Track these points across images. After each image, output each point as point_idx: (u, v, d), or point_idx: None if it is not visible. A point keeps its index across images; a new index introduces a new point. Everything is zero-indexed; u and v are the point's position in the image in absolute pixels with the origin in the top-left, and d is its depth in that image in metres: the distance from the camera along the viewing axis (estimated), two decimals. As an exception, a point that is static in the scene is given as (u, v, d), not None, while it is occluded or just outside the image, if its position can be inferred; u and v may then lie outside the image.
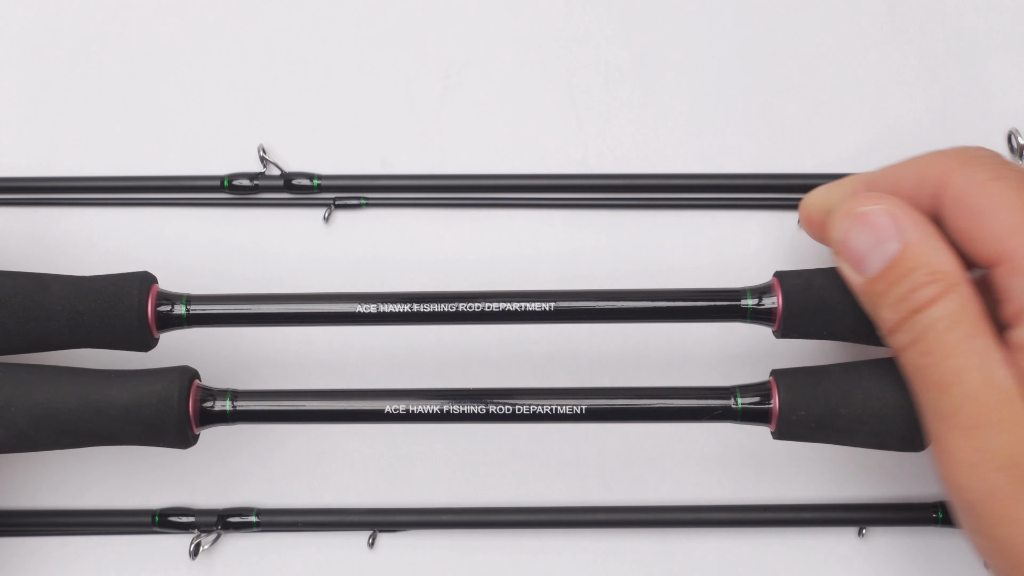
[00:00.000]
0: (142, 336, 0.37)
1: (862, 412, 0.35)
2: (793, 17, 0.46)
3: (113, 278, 0.38)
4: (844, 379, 0.36)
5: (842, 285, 0.36)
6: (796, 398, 0.36)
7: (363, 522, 0.43)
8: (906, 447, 0.36)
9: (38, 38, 0.47)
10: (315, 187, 0.44)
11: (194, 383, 0.37)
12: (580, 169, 0.45)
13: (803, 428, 0.36)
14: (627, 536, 0.43)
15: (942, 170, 0.35)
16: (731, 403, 0.37)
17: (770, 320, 0.37)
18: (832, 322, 0.37)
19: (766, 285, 0.38)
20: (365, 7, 0.46)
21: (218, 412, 0.37)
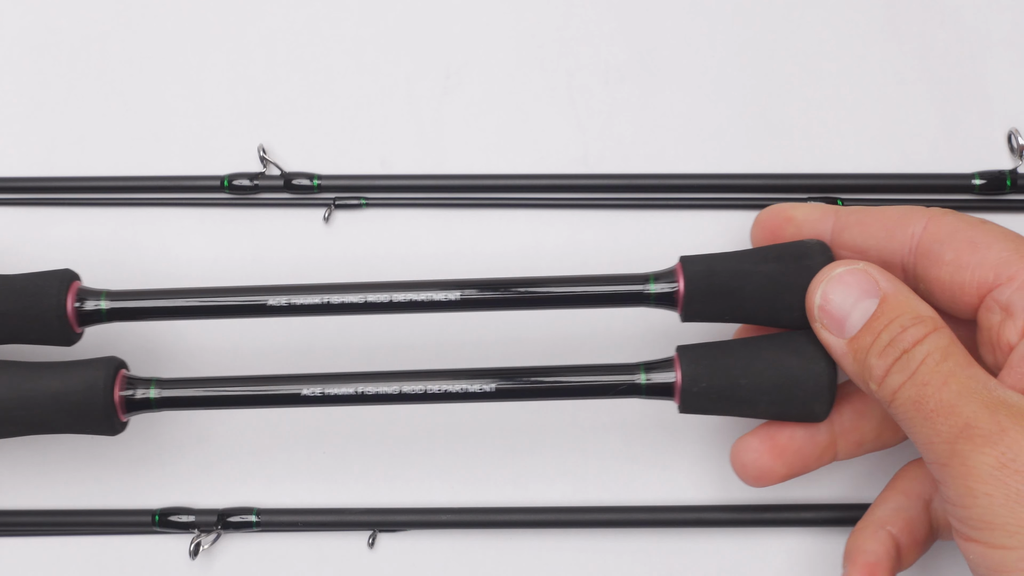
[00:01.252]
0: (63, 332, 0.39)
1: (761, 382, 0.36)
2: (793, 17, 0.46)
3: (33, 276, 0.39)
4: (745, 352, 0.37)
5: (743, 269, 0.37)
6: (698, 371, 0.37)
7: (363, 522, 0.43)
8: (805, 417, 0.37)
9: (38, 38, 0.47)
10: (315, 187, 0.44)
11: (120, 372, 0.39)
12: (580, 169, 0.45)
13: (705, 400, 0.37)
14: (627, 536, 0.43)
15: (918, 217, 0.36)
16: (636, 379, 0.38)
17: (673, 304, 0.38)
18: (734, 305, 0.37)
19: (670, 270, 0.38)
20: (365, 7, 0.46)
21: (142, 399, 0.39)
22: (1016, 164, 0.44)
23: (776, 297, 0.37)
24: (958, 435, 0.31)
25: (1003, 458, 0.31)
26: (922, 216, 0.37)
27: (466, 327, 0.44)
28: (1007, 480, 0.30)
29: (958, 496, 0.32)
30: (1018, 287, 0.34)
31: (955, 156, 0.44)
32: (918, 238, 0.36)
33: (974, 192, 0.43)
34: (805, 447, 0.38)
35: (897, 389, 0.33)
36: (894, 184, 0.44)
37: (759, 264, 0.37)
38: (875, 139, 0.45)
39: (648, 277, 0.38)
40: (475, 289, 0.38)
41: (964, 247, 0.35)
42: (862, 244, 0.37)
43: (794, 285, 0.37)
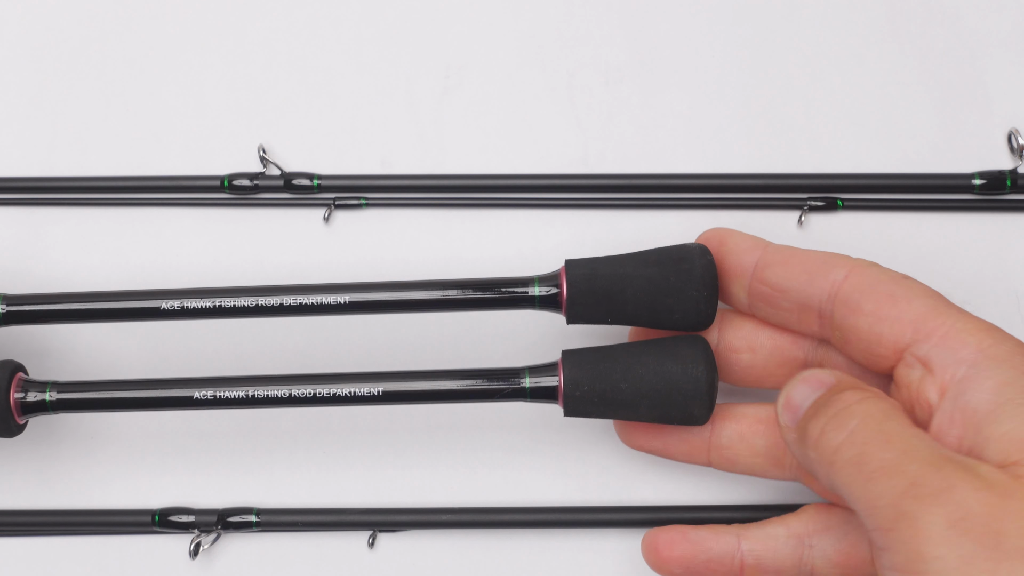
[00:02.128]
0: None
1: (641, 386, 0.37)
2: (793, 17, 0.46)
3: None
4: (626, 356, 0.38)
5: (624, 273, 0.38)
6: (580, 375, 0.38)
7: (363, 522, 0.43)
8: (685, 420, 0.38)
9: (38, 38, 0.47)
10: (315, 187, 0.44)
11: (16, 375, 0.40)
12: (580, 169, 0.45)
13: (588, 403, 0.38)
14: (627, 536, 0.43)
15: (841, 265, 0.36)
16: (521, 382, 0.38)
17: (558, 307, 0.39)
18: (616, 308, 0.38)
19: (554, 273, 0.39)
20: (365, 7, 0.46)
21: (38, 402, 0.39)
22: (1016, 164, 0.44)
23: (656, 300, 0.37)
24: (903, 494, 0.30)
25: (953, 516, 0.29)
26: (845, 264, 0.36)
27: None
28: (958, 541, 0.28)
29: (907, 562, 0.29)
30: (937, 343, 0.34)
31: (955, 156, 0.44)
32: (839, 285, 0.36)
33: (974, 192, 0.43)
34: None
35: (836, 448, 0.32)
36: (894, 184, 0.44)
37: (640, 268, 0.38)
38: (875, 139, 0.44)
39: (532, 280, 0.39)
40: (365, 292, 0.39)
41: (884, 300, 0.35)
42: (783, 284, 0.37)
43: (672, 288, 0.37)
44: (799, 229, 0.44)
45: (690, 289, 0.37)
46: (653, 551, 0.39)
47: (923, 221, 0.44)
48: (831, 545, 0.38)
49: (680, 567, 0.39)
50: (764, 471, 0.40)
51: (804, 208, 0.44)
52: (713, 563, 0.39)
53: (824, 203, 0.43)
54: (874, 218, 0.44)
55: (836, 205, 0.43)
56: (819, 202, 0.44)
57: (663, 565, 0.39)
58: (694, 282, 0.37)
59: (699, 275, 0.37)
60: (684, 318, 0.38)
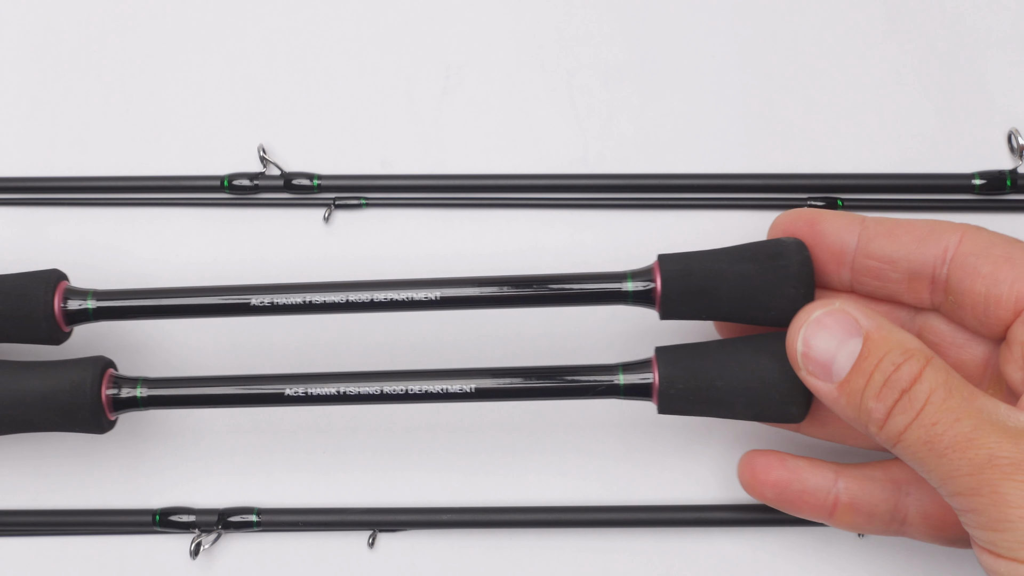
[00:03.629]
0: (51, 332, 0.39)
1: (737, 384, 0.37)
2: (793, 17, 0.46)
3: (21, 277, 0.40)
4: (721, 353, 0.37)
5: (719, 268, 0.37)
6: (675, 372, 0.37)
7: (363, 522, 0.43)
8: (781, 419, 0.37)
9: (38, 38, 0.47)
10: (315, 187, 0.44)
11: (107, 371, 0.39)
12: (580, 169, 0.45)
13: (682, 401, 0.37)
14: (627, 536, 0.43)
15: (952, 230, 0.36)
16: (615, 380, 0.38)
17: (651, 303, 0.38)
18: (710, 304, 0.38)
19: (647, 268, 0.39)
20: (365, 7, 0.46)
21: (129, 398, 0.39)
22: (1016, 164, 0.44)
23: (752, 296, 0.37)
24: (984, 466, 0.31)
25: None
26: (956, 229, 0.37)
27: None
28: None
29: (991, 522, 0.31)
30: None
31: (955, 156, 0.44)
32: (952, 250, 0.36)
33: (974, 192, 0.43)
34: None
35: (903, 431, 0.33)
36: (894, 184, 0.44)
37: (734, 263, 0.37)
38: (875, 139, 0.45)
39: (625, 275, 0.38)
40: (456, 288, 0.39)
41: (1001, 262, 0.35)
42: (891, 255, 0.37)
43: (768, 285, 0.37)
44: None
45: (786, 286, 0.37)
46: (749, 471, 0.39)
47: (923, 221, 0.44)
48: (927, 496, 0.37)
49: (774, 492, 0.39)
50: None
51: (804, 208, 0.44)
52: (807, 494, 0.38)
53: (824, 203, 0.43)
54: (874, 218, 0.44)
55: (836, 205, 0.43)
56: (819, 202, 0.44)
57: (758, 487, 0.39)
58: (791, 279, 0.37)
59: (795, 272, 0.37)
60: (780, 315, 0.37)
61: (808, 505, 0.38)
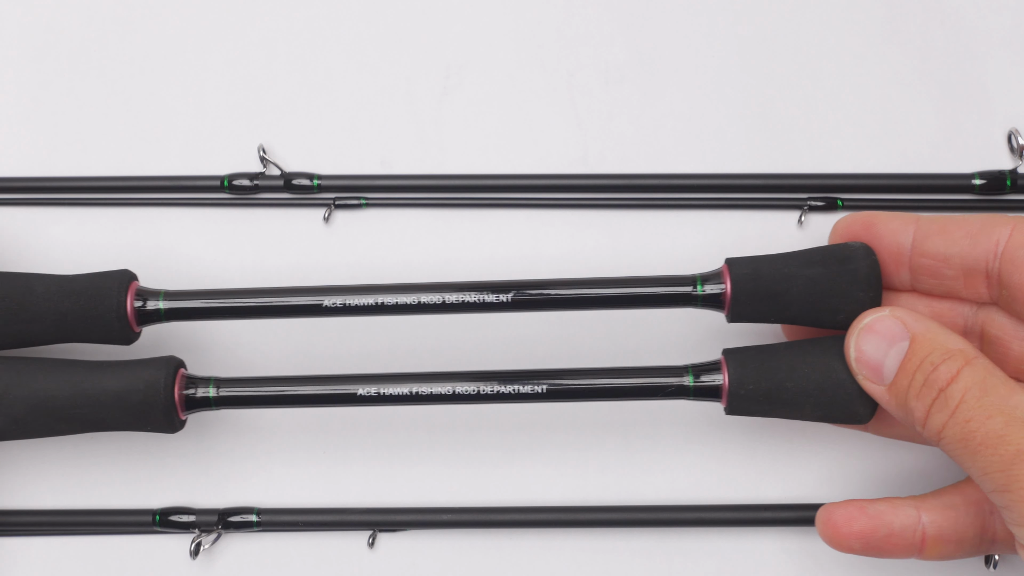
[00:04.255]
0: (123, 332, 0.39)
1: (807, 386, 0.37)
2: (793, 17, 0.46)
3: (93, 277, 0.40)
4: (790, 355, 0.38)
5: (788, 272, 0.38)
6: (744, 374, 0.38)
7: (363, 522, 0.43)
8: (849, 420, 0.38)
9: (38, 38, 0.47)
10: (315, 187, 0.44)
11: (180, 371, 0.39)
12: (580, 169, 0.45)
13: (752, 402, 0.38)
14: (627, 536, 0.43)
15: (1003, 224, 0.37)
16: (684, 381, 0.38)
17: (720, 306, 0.39)
18: (779, 307, 0.38)
19: (716, 272, 0.39)
20: (365, 7, 0.46)
21: (202, 398, 0.39)
22: (1016, 164, 0.44)
23: (820, 300, 0.37)
24: (1012, 461, 0.32)
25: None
26: (1008, 223, 0.37)
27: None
28: None
29: (1021, 517, 0.33)
30: None
31: (955, 156, 0.44)
32: (1003, 244, 0.36)
33: (974, 192, 0.43)
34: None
35: (941, 429, 0.34)
36: (894, 184, 0.44)
37: (804, 267, 0.38)
38: (875, 139, 0.45)
39: (696, 279, 0.39)
40: (528, 290, 0.39)
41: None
42: (945, 252, 0.37)
43: (837, 288, 0.37)
44: (799, 229, 0.44)
45: (856, 290, 0.37)
46: (831, 527, 0.39)
47: (923, 221, 0.44)
48: None
49: (859, 542, 0.38)
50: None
51: (804, 208, 0.44)
52: (894, 537, 0.38)
53: (824, 203, 0.43)
54: (874, 218, 0.44)
55: (836, 205, 0.43)
56: (819, 202, 0.44)
57: (842, 541, 0.39)
58: (860, 283, 0.37)
59: (864, 276, 0.37)
60: (848, 318, 0.37)
61: (896, 547, 0.38)
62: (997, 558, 0.41)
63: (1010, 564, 0.42)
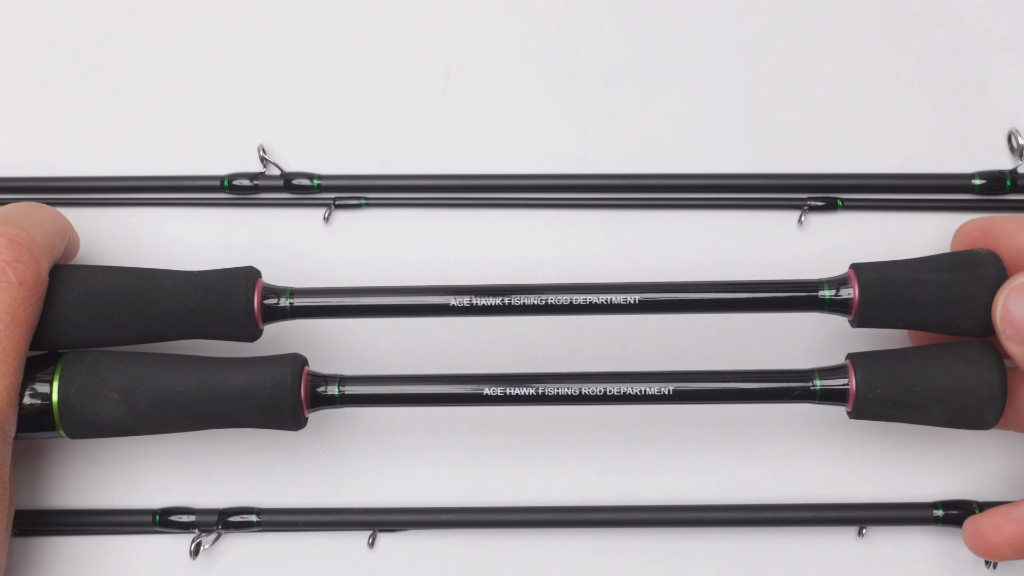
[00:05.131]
0: (249, 328, 0.39)
1: (935, 390, 0.37)
2: (793, 17, 0.46)
3: (220, 274, 0.40)
4: (918, 360, 0.38)
5: (918, 278, 0.38)
6: (872, 378, 0.38)
7: (363, 522, 0.43)
8: (976, 425, 0.38)
9: (38, 38, 0.47)
10: (315, 187, 0.44)
11: (305, 369, 0.39)
12: (580, 169, 0.45)
13: (879, 406, 0.38)
14: (627, 536, 0.43)
15: None
16: (810, 384, 0.38)
17: (847, 311, 0.39)
18: (908, 313, 0.38)
19: (843, 277, 0.39)
20: (365, 7, 0.46)
21: (328, 396, 0.39)
22: (1016, 164, 0.44)
23: (950, 306, 0.38)
24: None
25: None
26: None
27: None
28: None
29: None
30: None
31: (955, 156, 0.44)
32: None
33: (974, 192, 0.43)
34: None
35: None
36: (894, 184, 0.44)
37: (933, 273, 0.38)
38: (875, 139, 0.45)
39: (822, 283, 0.39)
40: (655, 292, 0.39)
41: None
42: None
43: (966, 294, 0.38)
44: (799, 229, 0.44)
45: (985, 296, 0.37)
46: (979, 539, 0.39)
47: (923, 221, 0.44)
48: None
49: (1011, 549, 0.39)
50: None
51: (804, 208, 0.44)
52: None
53: (824, 203, 0.44)
54: (874, 218, 0.44)
55: (836, 205, 0.44)
56: (819, 202, 0.44)
57: (993, 550, 0.39)
58: (990, 289, 0.37)
59: (993, 282, 0.37)
60: (976, 324, 0.38)
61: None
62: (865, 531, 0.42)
63: (1010, 564, 0.42)
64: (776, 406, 0.43)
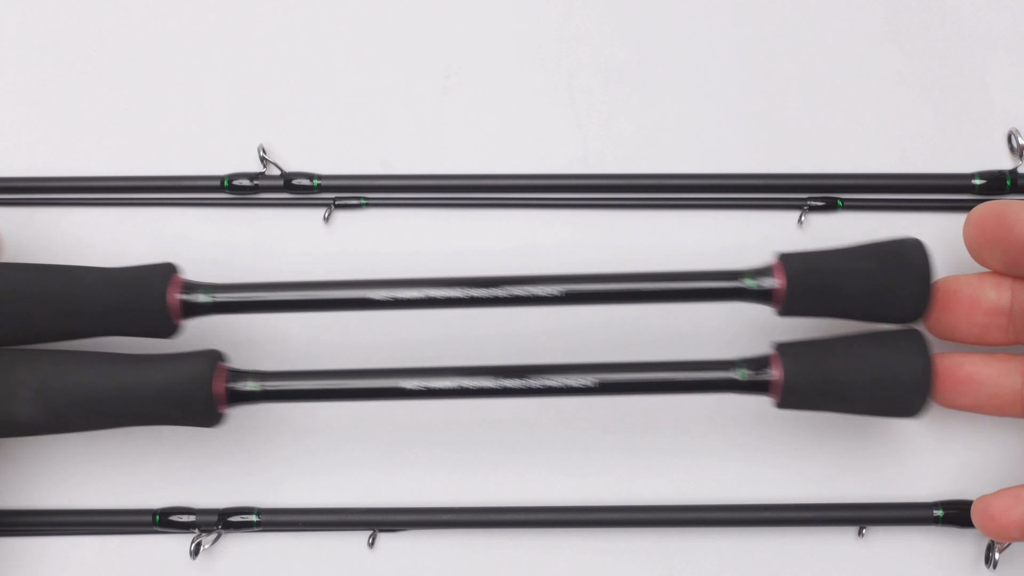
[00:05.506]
0: (166, 325, 0.39)
1: (860, 379, 0.37)
2: (793, 17, 0.46)
3: (138, 270, 0.39)
4: (844, 349, 0.38)
5: (842, 267, 0.37)
6: (798, 367, 0.37)
7: (363, 522, 0.43)
8: (903, 412, 0.38)
9: (38, 38, 0.47)
10: (315, 187, 0.44)
11: (222, 364, 0.39)
12: (580, 169, 0.45)
13: (804, 396, 0.38)
14: (627, 536, 0.43)
15: None
16: (734, 375, 0.38)
17: (771, 300, 0.39)
18: (832, 302, 0.38)
19: (767, 267, 0.39)
20: (365, 7, 0.46)
21: (245, 392, 0.39)
22: (1016, 164, 0.44)
23: (875, 294, 0.37)
24: None
25: None
26: None
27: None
28: None
29: None
30: None
31: (955, 156, 0.44)
32: None
33: (974, 192, 0.43)
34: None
35: None
36: (894, 184, 0.44)
37: (858, 262, 0.38)
38: (875, 139, 0.45)
39: (743, 273, 0.39)
40: (579, 284, 0.39)
41: None
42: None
43: (891, 282, 0.37)
44: (799, 229, 0.44)
45: (909, 284, 0.37)
46: (989, 519, 0.39)
47: (923, 221, 0.44)
48: None
49: (1019, 530, 0.38)
50: None
51: (804, 208, 0.44)
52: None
53: (824, 203, 0.44)
54: (874, 218, 0.44)
55: (836, 205, 0.43)
56: (819, 202, 0.44)
57: (1003, 531, 0.39)
58: (914, 277, 0.37)
59: (918, 270, 0.37)
60: (900, 312, 0.38)
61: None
62: (997, 557, 0.41)
63: (1010, 564, 0.42)
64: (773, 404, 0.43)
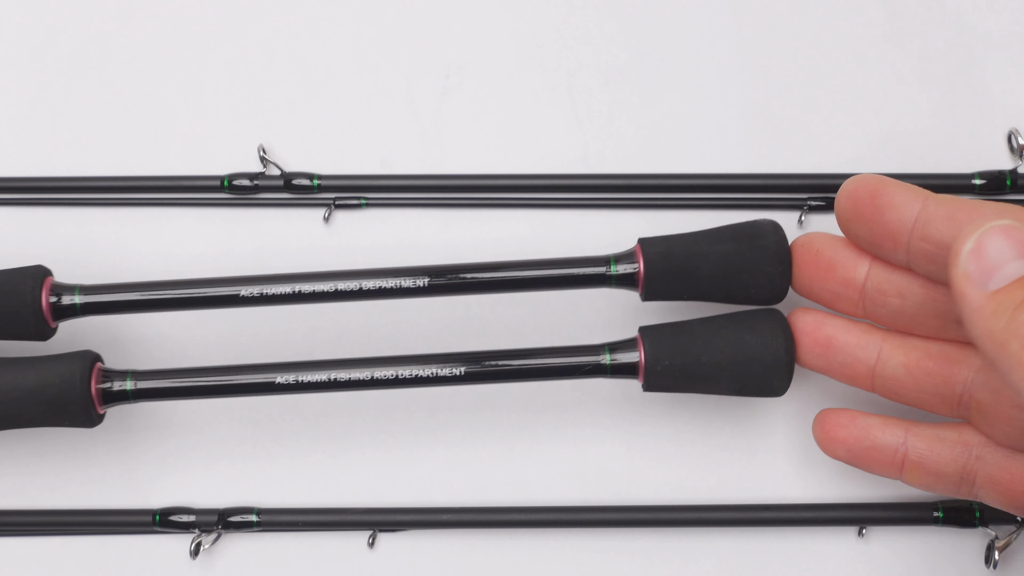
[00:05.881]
0: (38, 327, 0.39)
1: (721, 359, 0.38)
2: (793, 17, 0.46)
3: (7, 273, 0.40)
4: (705, 331, 0.38)
5: (699, 250, 0.38)
6: (660, 350, 0.38)
7: (363, 522, 0.43)
8: (765, 392, 0.38)
9: (38, 38, 0.47)
10: (315, 187, 0.44)
11: (96, 365, 0.39)
12: (580, 169, 0.45)
13: (668, 378, 0.38)
14: (627, 536, 0.43)
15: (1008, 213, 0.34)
16: (601, 359, 0.39)
17: (634, 285, 0.39)
18: (691, 285, 0.39)
19: (629, 252, 0.39)
20: (365, 7, 0.46)
21: (119, 391, 0.39)
22: (1016, 164, 0.44)
23: (732, 276, 0.38)
24: None
25: None
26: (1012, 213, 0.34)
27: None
28: None
29: None
30: None
31: (955, 156, 0.44)
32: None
33: (974, 192, 0.43)
34: None
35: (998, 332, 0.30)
36: (894, 184, 0.44)
37: (715, 244, 0.38)
38: (875, 139, 0.45)
39: (609, 259, 0.39)
40: (442, 275, 0.39)
41: None
42: (948, 239, 0.34)
43: (748, 264, 0.38)
44: (799, 229, 0.44)
45: (765, 265, 0.38)
46: (821, 429, 0.40)
47: (923, 221, 0.44)
48: (998, 461, 0.37)
49: (844, 449, 0.39)
50: (930, 407, 0.38)
51: (804, 208, 0.44)
52: (875, 451, 0.38)
53: (824, 203, 0.43)
54: (874, 218, 0.44)
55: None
56: (819, 202, 0.44)
57: (828, 444, 0.39)
58: (769, 258, 0.38)
59: (774, 251, 0.38)
60: (759, 293, 0.38)
61: (877, 462, 0.39)
62: (997, 558, 0.41)
63: (1010, 564, 0.42)
64: (775, 406, 0.43)
